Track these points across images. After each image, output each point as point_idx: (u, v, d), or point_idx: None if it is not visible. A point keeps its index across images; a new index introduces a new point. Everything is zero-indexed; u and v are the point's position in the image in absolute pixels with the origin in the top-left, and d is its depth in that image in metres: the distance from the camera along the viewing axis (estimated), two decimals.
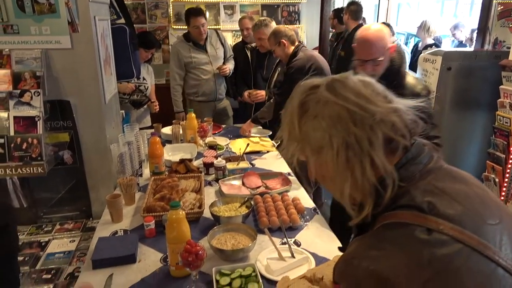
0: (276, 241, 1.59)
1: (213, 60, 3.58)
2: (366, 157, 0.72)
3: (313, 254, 1.54)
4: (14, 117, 1.79)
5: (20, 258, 1.82)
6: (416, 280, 0.64)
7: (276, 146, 2.79)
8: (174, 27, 5.42)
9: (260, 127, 3.12)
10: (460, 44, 4.71)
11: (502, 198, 2.58)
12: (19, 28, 1.81)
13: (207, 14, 5.43)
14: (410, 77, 1.85)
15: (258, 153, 2.69)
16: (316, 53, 2.97)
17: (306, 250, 1.57)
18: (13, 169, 1.78)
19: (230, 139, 2.94)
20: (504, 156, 2.65)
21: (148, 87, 3.32)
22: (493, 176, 2.76)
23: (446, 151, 3.31)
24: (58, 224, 2.11)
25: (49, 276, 1.71)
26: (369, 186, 0.73)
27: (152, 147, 2.22)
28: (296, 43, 2.81)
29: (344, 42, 4.30)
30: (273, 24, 3.22)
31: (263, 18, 3.31)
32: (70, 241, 1.96)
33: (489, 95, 3.11)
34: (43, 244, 1.94)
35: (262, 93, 3.32)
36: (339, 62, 4.25)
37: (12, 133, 1.78)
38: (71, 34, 1.86)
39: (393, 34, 3.97)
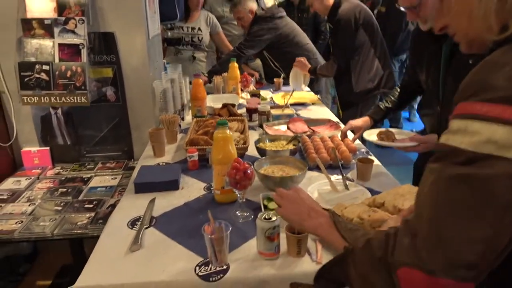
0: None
1: None
2: None
3: (369, 189, 1.41)
4: (59, 45, 1.76)
5: (63, 190, 1.82)
6: None
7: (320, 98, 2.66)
8: None
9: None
10: None
11: None
12: None
13: None
14: None
15: (303, 104, 2.56)
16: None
17: (361, 185, 1.45)
18: (57, 98, 1.76)
19: (273, 93, 2.82)
20: None
21: (202, 38, 3.21)
22: None
23: None
24: (100, 163, 2.09)
25: (91, 205, 1.68)
26: None
27: (195, 89, 2.14)
28: None
29: None
30: (249, 0, 3.04)
31: None
32: (111, 178, 1.93)
33: None
34: (85, 179, 1.93)
35: None
36: (379, 18, 4.02)
37: (57, 60, 1.75)
38: None
39: None
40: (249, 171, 1.20)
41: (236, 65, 2.68)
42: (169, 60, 3.19)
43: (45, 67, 1.74)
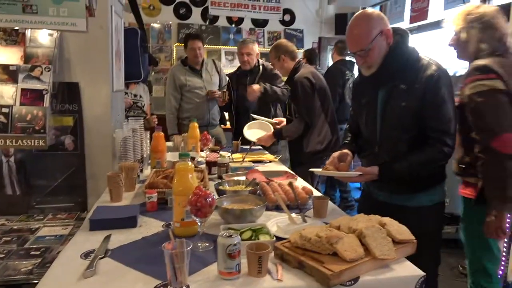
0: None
1: (207, 85, 3.66)
2: None
3: (326, 223, 1.46)
4: (22, 90, 1.79)
5: (7, 239, 1.70)
6: None
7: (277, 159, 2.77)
8: None
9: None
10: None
11: (509, 214, 2.50)
12: (38, 8, 1.88)
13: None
14: (425, 60, 1.60)
15: (260, 162, 2.65)
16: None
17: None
18: (14, 140, 1.74)
19: (231, 153, 2.90)
20: None
21: (144, 104, 3.35)
22: None
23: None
24: (50, 214, 2.00)
25: (38, 252, 1.58)
26: None
27: (156, 141, 2.19)
28: (297, 59, 2.89)
29: (327, 70, 4.69)
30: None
31: (249, 38, 3.45)
32: (62, 228, 1.84)
33: None
34: (32, 229, 1.82)
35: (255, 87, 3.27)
36: None
37: (18, 104, 1.76)
38: (87, 18, 1.93)
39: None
40: (210, 198, 1.23)
41: (196, 125, 2.78)
42: None
43: (5, 110, 1.74)
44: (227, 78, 3.73)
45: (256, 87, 3.15)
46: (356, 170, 1.62)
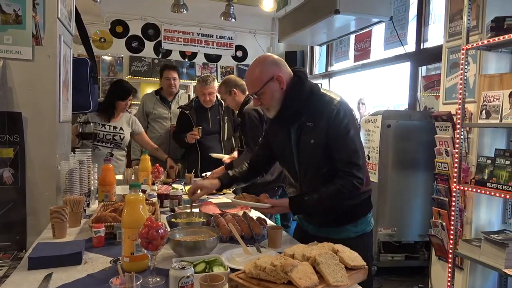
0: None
1: (174, 118, 3.64)
2: None
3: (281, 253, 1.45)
4: None
5: None
6: None
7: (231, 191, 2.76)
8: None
9: None
10: None
11: (451, 241, 2.65)
12: None
13: None
14: (327, 96, 1.64)
15: (214, 194, 2.62)
16: None
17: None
18: None
19: (184, 185, 2.85)
20: (447, 199, 2.81)
21: (123, 137, 3.22)
22: (440, 221, 2.87)
23: (393, 203, 3.44)
24: None
25: None
26: None
27: (104, 173, 2.11)
28: (247, 93, 2.96)
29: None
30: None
31: (208, 74, 3.44)
32: None
33: (425, 154, 3.38)
34: None
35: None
36: None
37: None
38: (34, 47, 1.86)
39: None
40: (162, 230, 1.19)
41: (147, 157, 2.72)
42: None
43: None
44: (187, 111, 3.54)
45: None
46: (266, 201, 1.64)
